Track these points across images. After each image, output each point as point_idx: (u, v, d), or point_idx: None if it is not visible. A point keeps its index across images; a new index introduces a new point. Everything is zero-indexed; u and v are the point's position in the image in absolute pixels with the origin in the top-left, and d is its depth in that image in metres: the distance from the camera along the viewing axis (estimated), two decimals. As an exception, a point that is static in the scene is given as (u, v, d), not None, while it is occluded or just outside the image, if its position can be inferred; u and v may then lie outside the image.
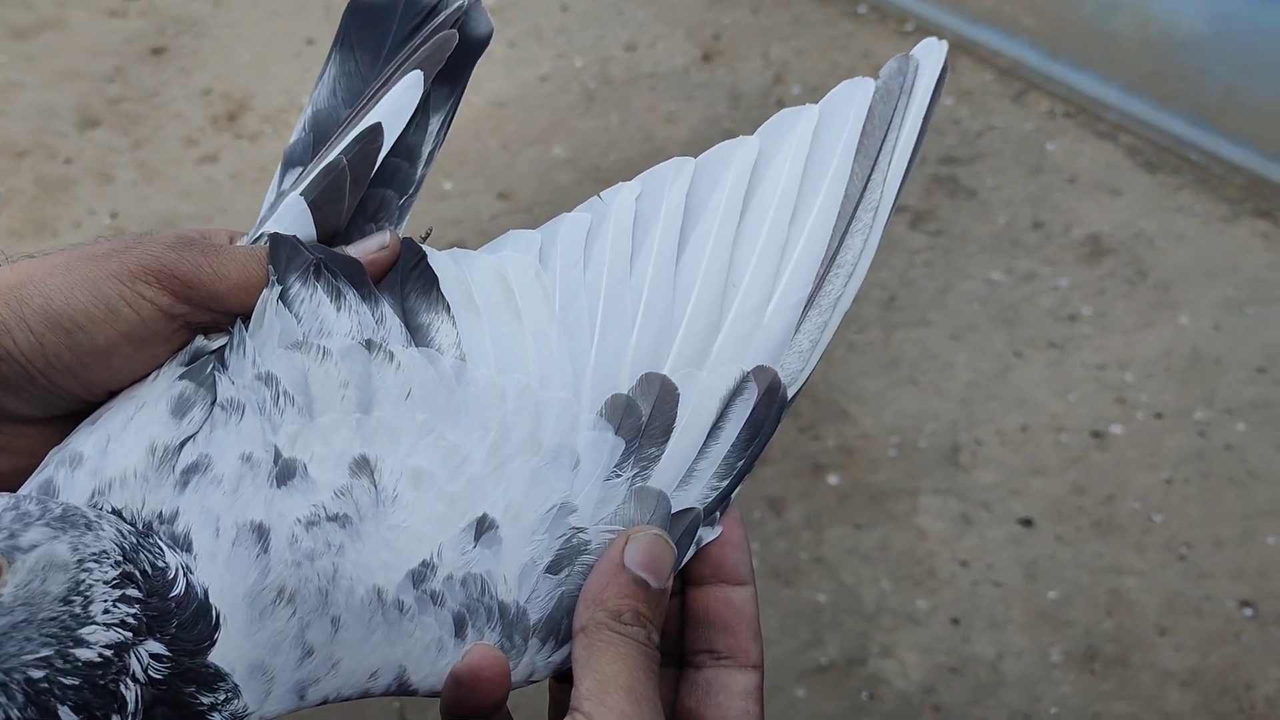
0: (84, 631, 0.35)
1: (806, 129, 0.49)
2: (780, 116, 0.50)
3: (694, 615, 0.45)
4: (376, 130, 0.49)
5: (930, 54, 0.51)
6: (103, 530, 0.37)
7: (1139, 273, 2.34)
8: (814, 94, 2.16)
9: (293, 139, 0.52)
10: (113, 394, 0.43)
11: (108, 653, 0.35)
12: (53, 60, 3.04)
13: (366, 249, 0.46)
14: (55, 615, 0.34)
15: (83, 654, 0.35)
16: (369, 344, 0.44)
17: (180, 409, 0.42)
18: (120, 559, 0.36)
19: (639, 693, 0.39)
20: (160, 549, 0.38)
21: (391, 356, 0.43)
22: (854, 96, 0.49)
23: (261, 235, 0.47)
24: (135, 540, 0.38)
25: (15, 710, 0.34)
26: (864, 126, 0.49)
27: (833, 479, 1.93)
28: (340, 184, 0.48)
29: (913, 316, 2.23)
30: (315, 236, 0.48)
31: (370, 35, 0.53)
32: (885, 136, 0.49)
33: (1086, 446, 1.98)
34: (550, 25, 3.03)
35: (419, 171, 0.52)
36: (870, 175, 0.49)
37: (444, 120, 0.52)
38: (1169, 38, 2.64)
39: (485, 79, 2.89)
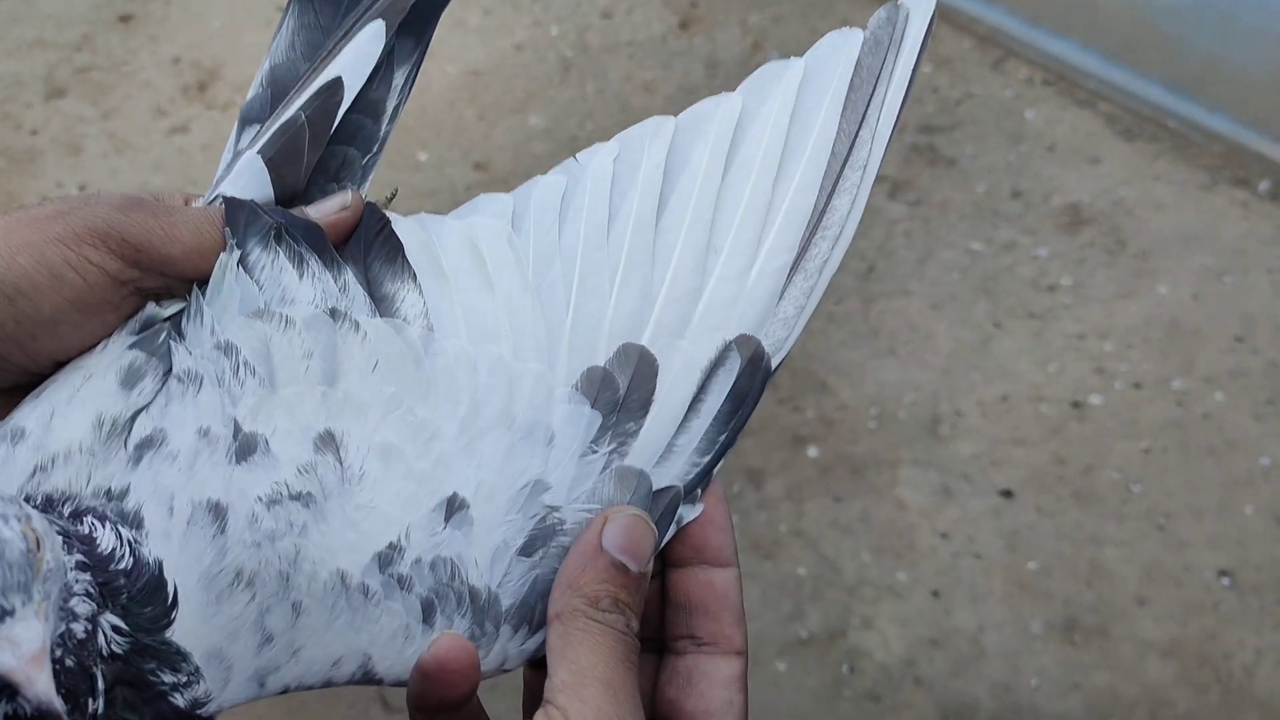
0: (73, 603, 0.33)
1: (791, 84, 0.47)
2: (764, 70, 0.48)
3: (675, 599, 0.44)
4: (336, 84, 0.47)
5: (920, 3, 0.48)
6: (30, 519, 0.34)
7: (1118, 242, 2.34)
8: (794, 63, 2.11)
9: (250, 95, 0.50)
10: (60, 365, 0.41)
11: (89, 626, 0.33)
12: (18, 29, 2.97)
13: (327, 210, 0.44)
14: (63, 587, 0.33)
15: (76, 629, 0.33)
16: (333, 313, 0.42)
17: (130, 379, 0.40)
18: (71, 528, 0.35)
19: (616, 685, 0.37)
20: (94, 524, 0.36)
21: (357, 326, 0.41)
22: (841, 49, 0.47)
23: (217, 196, 0.45)
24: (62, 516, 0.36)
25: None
26: (851, 80, 0.47)
27: (812, 451, 1.93)
28: (299, 141, 0.46)
29: (892, 287, 2.22)
30: (273, 197, 0.46)
31: None
32: (874, 90, 0.47)
33: (1066, 417, 1.98)
34: (526, -8, 2.99)
35: (383, 128, 0.49)
36: (858, 132, 0.47)
37: (409, 74, 0.50)
38: (1148, 5, 2.62)
39: (460, 48, 2.85)
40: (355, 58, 0.47)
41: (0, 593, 0.30)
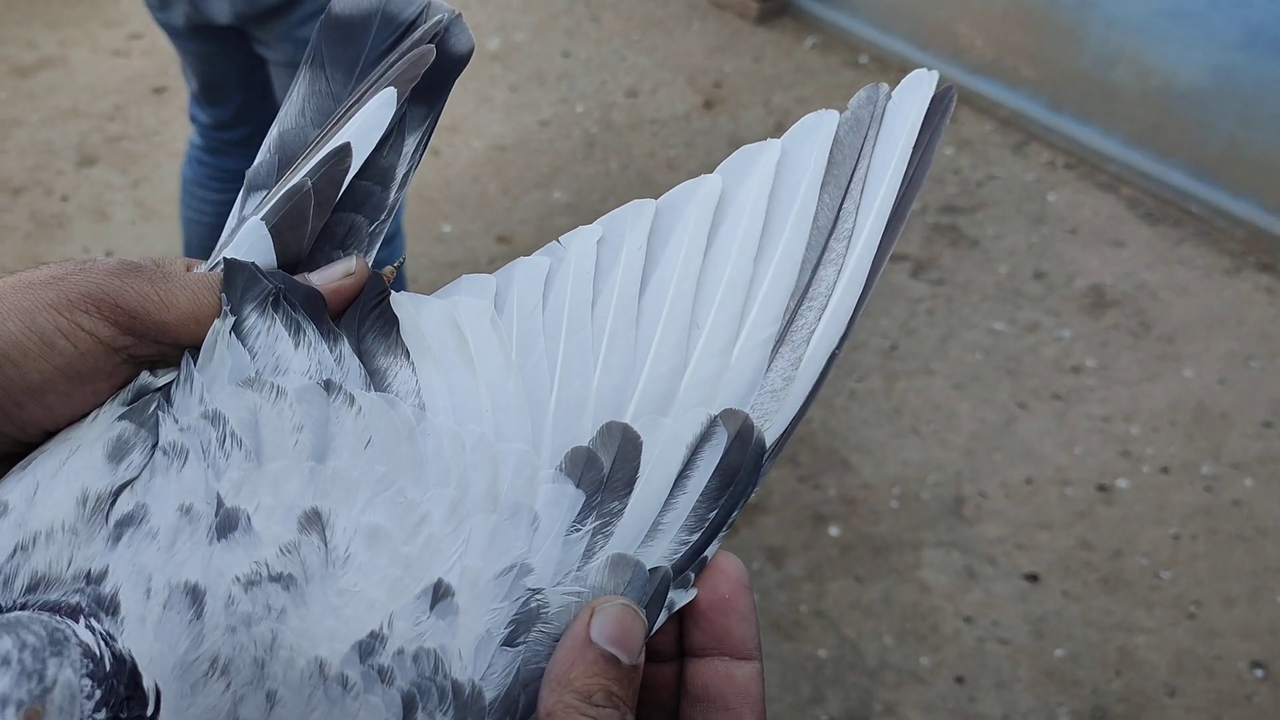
0: None
1: (769, 162, 0.47)
2: (742, 152, 0.47)
3: (692, 691, 0.41)
4: (344, 151, 0.45)
5: (920, 84, 0.48)
6: (73, 639, 0.33)
7: (1143, 324, 2.32)
8: (819, 140, 2.11)
9: (256, 161, 0.49)
10: (50, 435, 0.40)
11: None
12: (53, 98, 3.03)
13: (331, 276, 0.43)
14: None
15: None
16: (328, 385, 0.40)
17: (117, 453, 0.38)
18: (89, 664, 0.33)
19: None
20: (68, 626, 0.34)
21: (352, 400, 0.40)
22: (819, 128, 0.47)
23: (219, 262, 0.43)
24: (88, 633, 0.34)
25: None
26: (830, 156, 0.47)
27: (834, 530, 1.90)
28: (303, 208, 0.44)
29: (915, 365, 2.21)
30: (275, 263, 0.44)
31: (344, 52, 0.49)
32: (856, 165, 0.47)
33: (1092, 500, 1.94)
34: (552, 71, 3.04)
35: (391, 196, 0.48)
36: (841, 204, 0.46)
37: (420, 141, 0.49)
38: (1170, 90, 2.64)
39: (486, 123, 2.89)
40: (365, 124, 0.46)
41: None
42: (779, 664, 1.71)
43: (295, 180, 0.45)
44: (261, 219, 0.44)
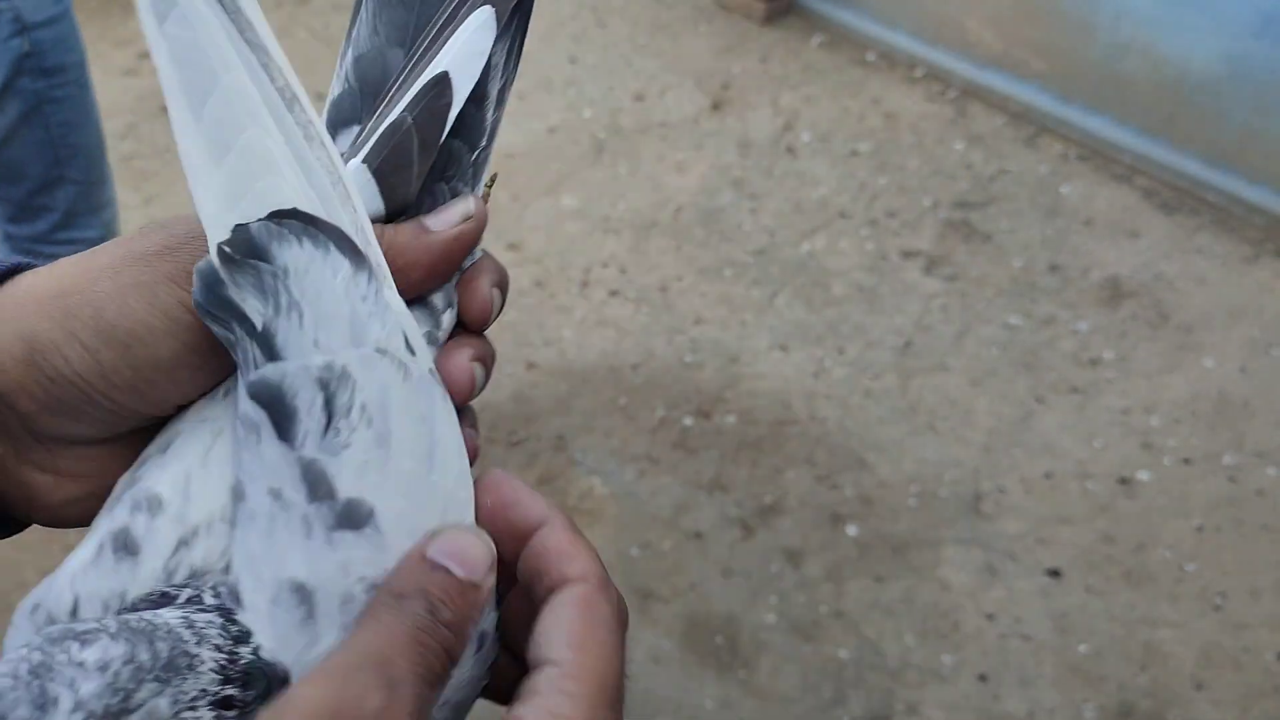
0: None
1: None
2: None
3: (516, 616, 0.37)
4: (443, 83, 0.40)
5: None
6: (202, 665, 0.30)
7: (1160, 315, 2.30)
8: (824, 140, 2.17)
9: (335, 91, 0.43)
10: (182, 407, 0.37)
11: None
12: (65, 119, 3.05)
13: (449, 220, 0.39)
14: None
15: None
16: (434, 375, 0.37)
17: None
18: (217, 690, 0.31)
19: (392, 667, 0.30)
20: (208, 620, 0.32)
21: (437, 400, 0.37)
22: None
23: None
24: (230, 647, 0.31)
25: None
26: None
27: (852, 530, 1.88)
28: (406, 147, 0.39)
29: (930, 362, 2.19)
30: (383, 210, 0.39)
31: None
32: None
33: (1114, 494, 1.92)
34: (559, 77, 3.03)
35: (489, 116, 0.43)
36: None
37: (511, 50, 0.43)
38: (1183, 79, 2.62)
39: (495, 131, 2.88)
40: (463, 51, 0.40)
41: None
42: (799, 666, 1.69)
43: (394, 116, 0.40)
44: (363, 161, 0.39)
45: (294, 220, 0.34)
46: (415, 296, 0.39)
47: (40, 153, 1.61)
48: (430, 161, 0.40)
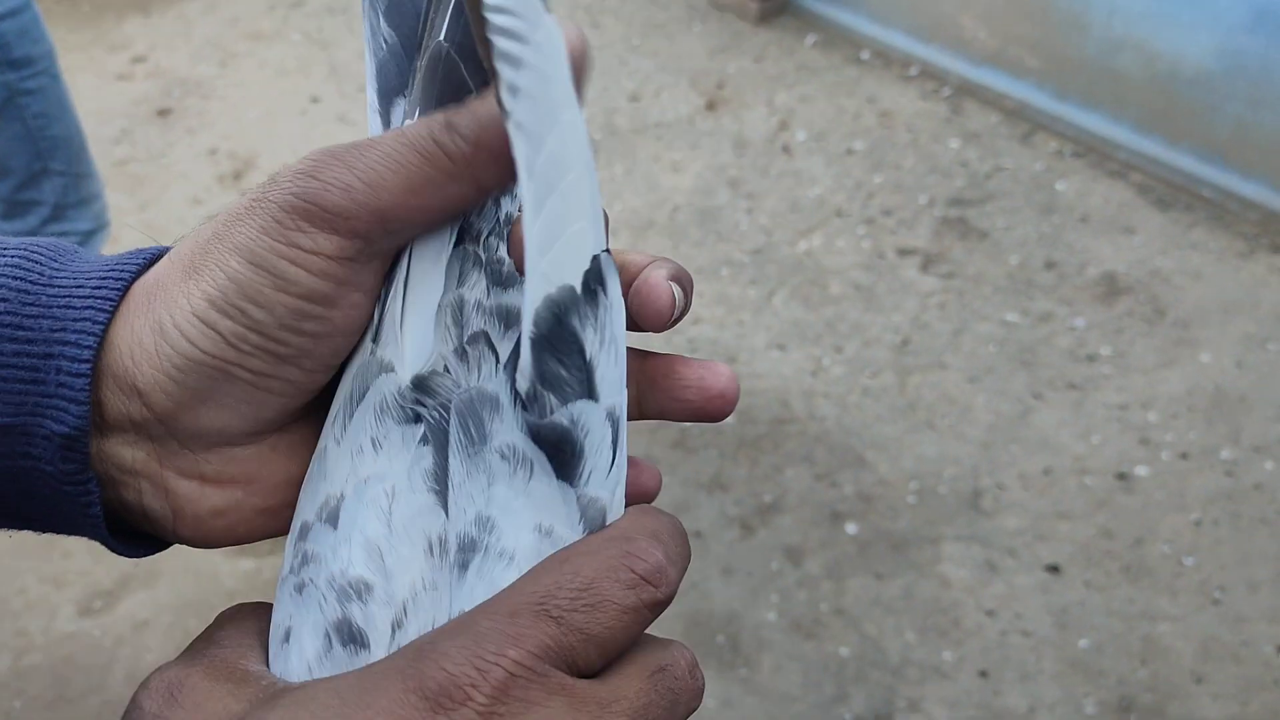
0: None
1: None
2: None
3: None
4: None
5: None
6: None
7: (1157, 311, 2.31)
8: (820, 139, 2.17)
9: (377, 59, 0.37)
10: (330, 369, 0.35)
11: None
12: (60, 124, 3.05)
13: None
14: None
15: None
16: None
17: (439, 485, 0.32)
18: None
19: None
20: None
21: None
22: None
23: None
24: None
25: None
26: None
27: (851, 527, 1.88)
28: (455, 77, 0.34)
29: (928, 360, 2.20)
30: None
31: None
32: None
33: (1112, 489, 1.93)
34: (554, 78, 3.04)
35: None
36: None
37: None
38: (1176, 75, 2.62)
39: (490, 132, 2.88)
40: None
41: None
42: (800, 664, 1.69)
43: (430, 49, 0.35)
44: (420, 112, 0.35)
45: (609, 254, 0.33)
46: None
47: (21, 146, 1.62)
48: (483, 78, 0.35)
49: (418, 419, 0.33)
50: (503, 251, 0.35)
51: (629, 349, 0.35)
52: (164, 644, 1.75)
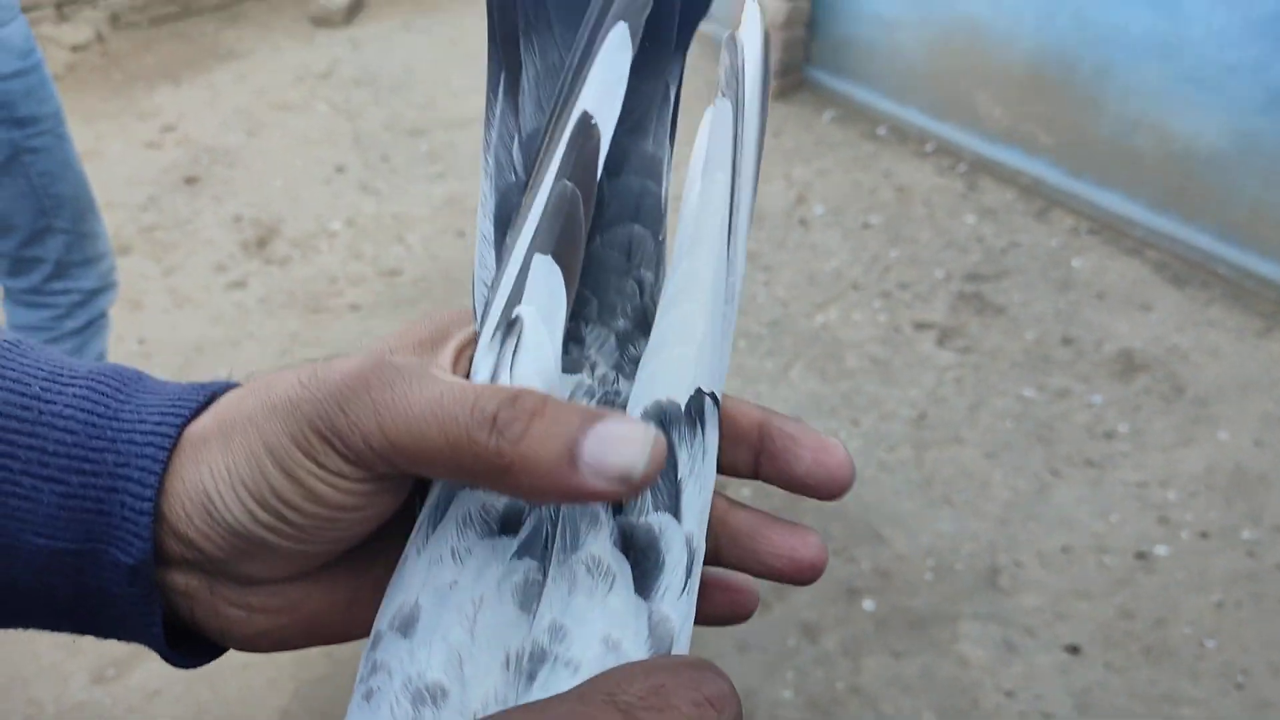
0: None
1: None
2: None
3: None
4: (585, 124, 0.34)
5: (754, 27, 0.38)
6: None
7: (1175, 388, 2.30)
8: (837, 213, 2.18)
9: (504, 180, 0.37)
10: (370, 533, 0.35)
11: None
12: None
13: (607, 466, 0.30)
14: None
15: None
16: None
17: (528, 599, 0.32)
18: None
19: None
20: None
21: None
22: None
23: (516, 318, 0.33)
24: None
25: None
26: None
27: (869, 604, 1.87)
28: (574, 215, 0.33)
29: (945, 435, 2.19)
30: (566, 303, 0.33)
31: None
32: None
33: (1132, 568, 1.91)
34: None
35: (663, 189, 0.37)
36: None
37: (673, 110, 0.38)
38: (1191, 154, 2.65)
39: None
40: (602, 81, 0.34)
41: None
42: (817, 743, 1.67)
43: (546, 184, 0.34)
44: (545, 253, 0.33)
45: (715, 403, 0.34)
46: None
47: (25, 203, 1.66)
48: (591, 215, 0.34)
49: (504, 530, 0.33)
50: (600, 373, 0.35)
51: (715, 494, 0.35)
52: (176, 713, 1.74)
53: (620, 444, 0.29)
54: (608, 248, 0.36)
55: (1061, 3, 2.79)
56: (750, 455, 0.37)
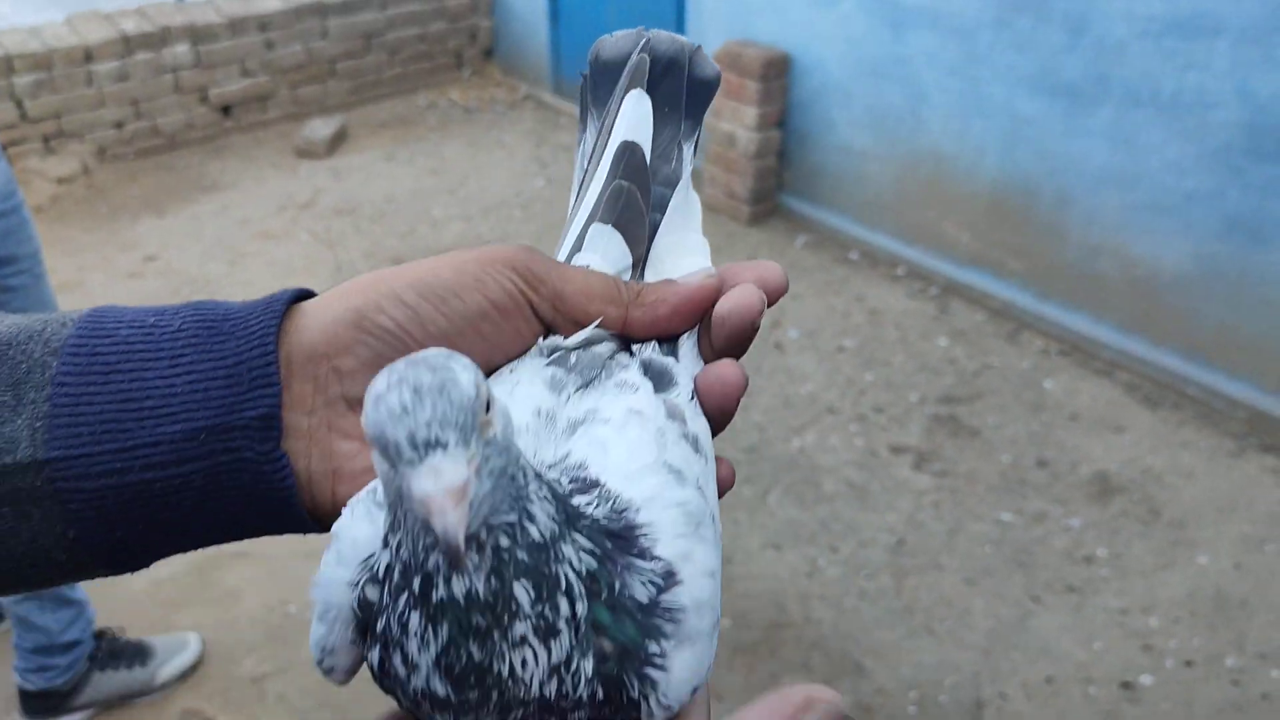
0: (532, 507, 0.35)
1: None
2: None
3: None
4: (630, 145, 0.51)
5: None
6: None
7: (1151, 511, 2.30)
8: (811, 337, 2.21)
9: (596, 197, 0.52)
10: (486, 367, 0.46)
11: (547, 536, 0.35)
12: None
13: (696, 281, 0.48)
14: (514, 476, 0.34)
15: (532, 530, 0.35)
16: None
17: (555, 386, 0.44)
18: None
19: None
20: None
21: None
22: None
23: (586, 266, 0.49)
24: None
25: (479, 581, 0.34)
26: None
27: (852, 739, 1.83)
28: (634, 202, 0.50)
29: (924, 561, 2.18)
30: (629, 258, 0.49)
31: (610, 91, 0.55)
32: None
33: (1117, 699, 1.88)
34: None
35: (673, 166, 0.53)
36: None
37: (694, 148, 0.54)
38: (1155, 278, 2.70)
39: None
40: (632, 120, 0.52)
41: (436, 424, 0.31)
42: None
43: (600, 184, 0.51)
44: (602, 221, 0.50)
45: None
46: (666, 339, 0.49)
47: None
48: (650, 209, 0.51)
49: (551, 356, 0.46)
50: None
51: None
52: None
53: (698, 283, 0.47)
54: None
55: (1022, 136, 2.88)
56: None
